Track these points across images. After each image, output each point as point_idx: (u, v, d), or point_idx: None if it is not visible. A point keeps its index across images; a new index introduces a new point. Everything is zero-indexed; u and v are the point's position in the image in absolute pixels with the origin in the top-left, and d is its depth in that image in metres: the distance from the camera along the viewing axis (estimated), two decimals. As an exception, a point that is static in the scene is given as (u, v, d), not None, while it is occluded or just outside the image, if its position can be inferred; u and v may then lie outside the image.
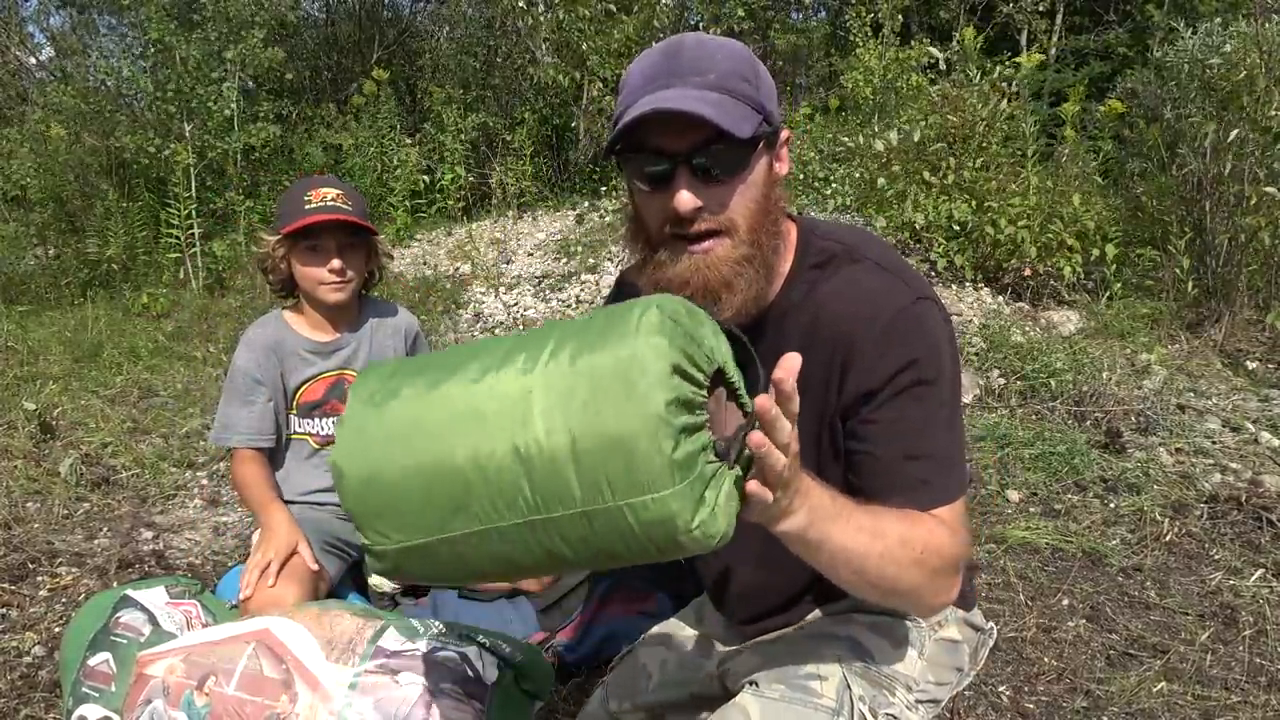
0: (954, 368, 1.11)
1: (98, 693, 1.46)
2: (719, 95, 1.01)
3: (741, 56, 1.06)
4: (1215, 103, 4.50)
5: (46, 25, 9.58)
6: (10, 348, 4.77)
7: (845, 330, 1.10)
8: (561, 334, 0.83)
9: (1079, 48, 10.06)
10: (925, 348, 1.09)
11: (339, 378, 2.03)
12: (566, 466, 0.77)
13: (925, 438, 1.09)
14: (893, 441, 1.09)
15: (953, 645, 1.30)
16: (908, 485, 1.08)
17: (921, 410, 1.09)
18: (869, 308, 1.10)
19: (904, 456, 1.08)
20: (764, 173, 1.08)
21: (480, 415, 0.80)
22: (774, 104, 1.08)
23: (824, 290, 1.14)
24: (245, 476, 1.90)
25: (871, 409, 1.10)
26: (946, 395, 1.09)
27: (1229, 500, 2.82)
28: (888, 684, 1.20)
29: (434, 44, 10.21)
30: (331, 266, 1.91)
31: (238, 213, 7.07)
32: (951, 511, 1.08)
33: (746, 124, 1.01)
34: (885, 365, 1.08)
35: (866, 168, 5.31)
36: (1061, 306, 4.79)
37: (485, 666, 1.37)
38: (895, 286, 1.11)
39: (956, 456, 1.11)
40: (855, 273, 1.13)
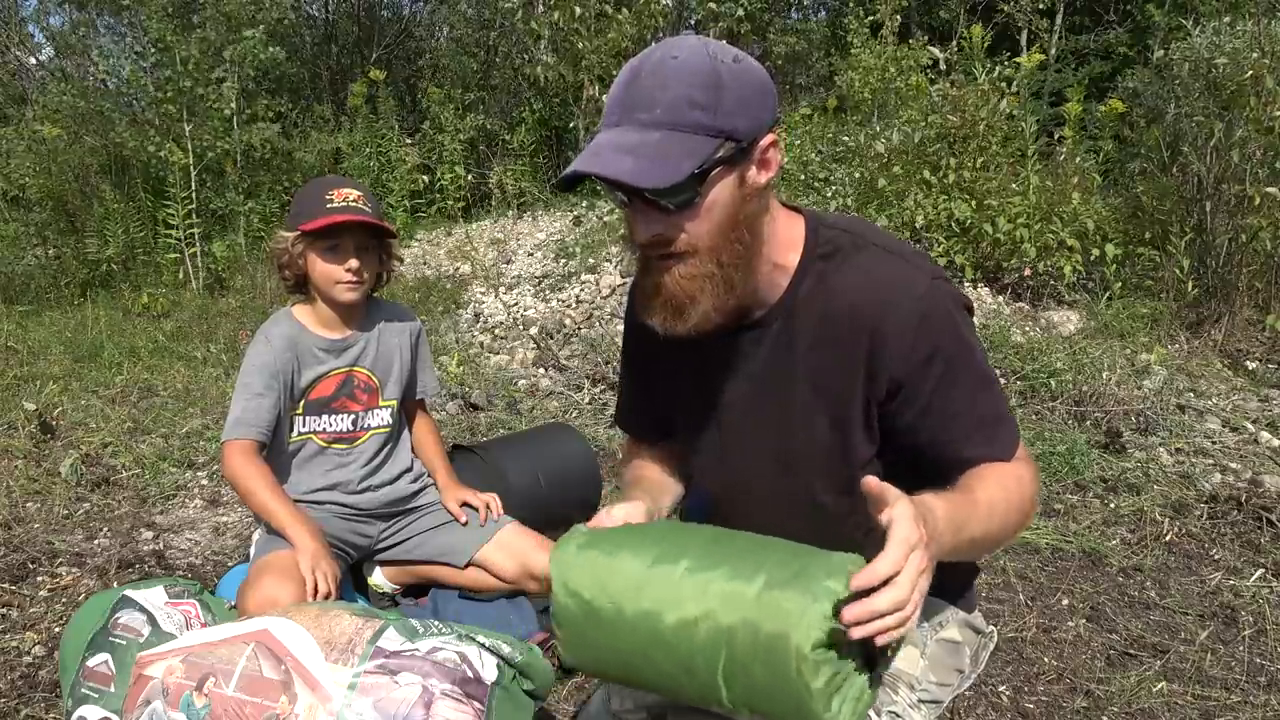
0: (972, 333, 1.17)
1: (97, 693, 1.46)
2: (661, 134, 1.02)
3: (697, 76, 1.03)
4: (1219, 103, 4.50)
5: (46, 25, 9.57)
6: (10, 348, 4.77)
7: (869, 320, 1.13)
8: (763, 559, 1.01)
9: (1079, 48, 10.06)
10: (948, 328, 1.14)
11: (349, 374, 2.03)
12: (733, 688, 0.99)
13: (975, 409, 1.16)
14: (950, 425, 1.15)
15: (954, 646, 1.30)
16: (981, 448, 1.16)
17: (962, 388, 1.15)
18: (888, 296, 1.13)
19: (967, 428, 1.15)
20: (728, 191, 1.07)
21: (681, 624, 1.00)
22: (747, 115, 1.05)
23: (836, 281, 1.16)
24: (250, 478, 1.87)
25: (918, 400, 1.14)
26: (975, 362, 1.16)
27: (1229, 500, 2.82)
28: (890, 682, 1.21)
29: (433, 44, 10.21)
30: (349, 266, 1.92)
31: (237, 213, 7.07)
32: (1021, 450, 1.18)
33: (686, 161, 1.02)
34: (917, 354, 1.12)
35: (866, 168, 5.31)
36: (1061, 306, 4.79)
37: (485, 666, 1.37)
38: (908, 272, 1.15)
39: (1002, 409, 1.19)
40: (865, 261, 1.16)
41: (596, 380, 4.16)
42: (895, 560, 0.87)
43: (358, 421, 2.06)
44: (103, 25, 9.37)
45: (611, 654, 1.06)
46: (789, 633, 0.92)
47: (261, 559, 1.84)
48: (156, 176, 6.89)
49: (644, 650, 1.02)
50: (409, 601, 2.16)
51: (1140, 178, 5.43)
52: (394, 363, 2.10)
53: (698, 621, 0.98)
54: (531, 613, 2.03)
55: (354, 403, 2.05)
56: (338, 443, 2.05)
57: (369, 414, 2.07)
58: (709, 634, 0.98)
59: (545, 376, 4.34)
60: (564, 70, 7.61)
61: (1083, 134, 5.53)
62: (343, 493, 2.04)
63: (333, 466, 2.05)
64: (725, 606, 0.97)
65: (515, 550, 2.06)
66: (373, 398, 2.07)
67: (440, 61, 9.69)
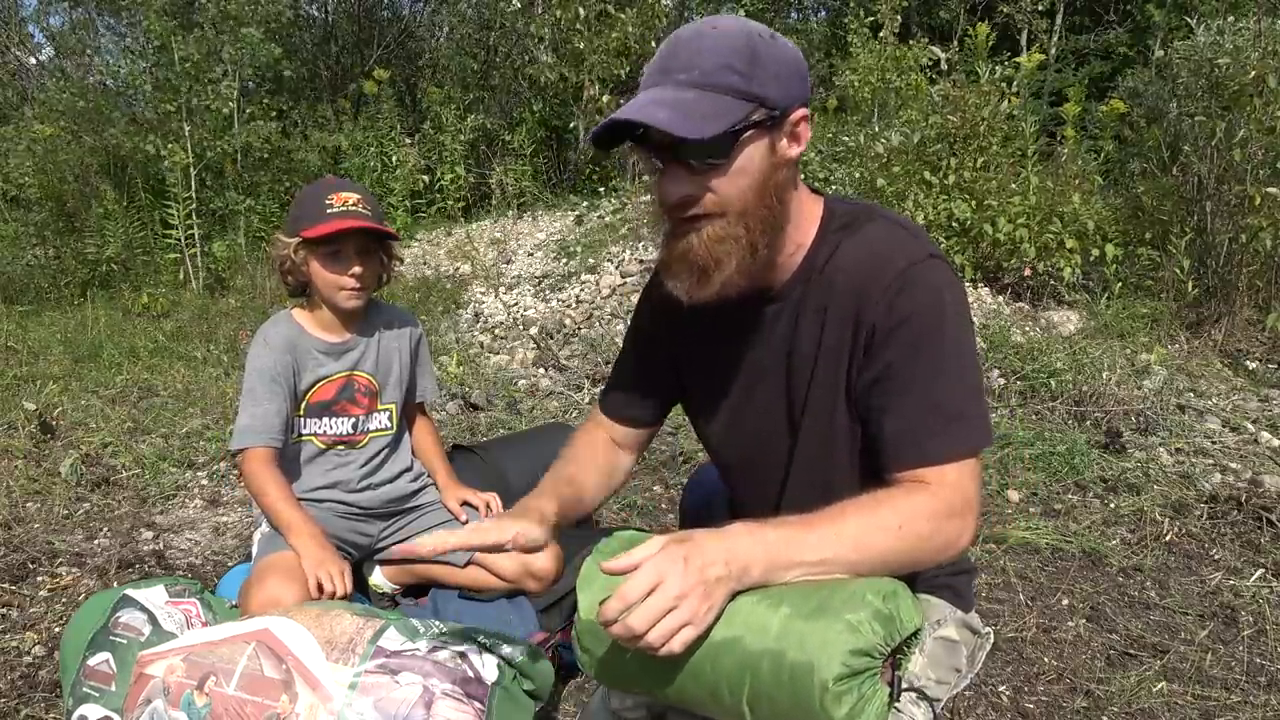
0: (962, 325, 1.14)
1: (98, 692, 1.46)
2: (696, 94, 1.06)
3: (734, 45, 1.08)
4: (1221, 103, 4.50)
5: (46, 25, 9.57)
6: (10, 348, 4.77)
7: (858, 283, 1.15)
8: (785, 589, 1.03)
9: (1079, 48, 10.06)
10: (931, 303, 1.12)
11: (348, 379, 2.03)
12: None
13: (930, 392, 1.12)
14: (899, 393, 1.13)
15: (951, 645, 1.31)
16: (911, 440, 1.12)
17: (924, 364, 1.12)
18: (880, 261, 1.14)
19: (909, 411, 1.12)
20: (759, 156, 1.11)
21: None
22: (780, 86, 1.09)
23: (845, 248, 1.18)
24: (265, 485, 1.87)
25: (880, 362, 1.13)
26: (953, 350, 1.12)
27: (1229, 500, 2.82)
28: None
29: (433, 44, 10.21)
30: (353, 273, 1.91)
31: (237, 213, 7.07)
32: (943, 471, 1.10)
33: (720, 120, 1.05)
34: (890, 317, 1.12)
35: (866, 168, 5.31)
36: (1061, 306, 4.79)
37: (485, 666, 1.37)
38: (907, 242, 1.15)
39: (966, 409, 1.13)
40: (871, 230, 1.18)
41: (596, 380, 4.16)
42: (627, 592, 0.95)
43: (358, 425, 2.06)
44: (102, 25, 9.37)
45: (639, 675, 1.08)
46: (813, 664, 0.95)
47: (265, 559, 1.84)
48: (156, 176, 6.89)
49: (671, 673, 1.03)
50: (409, 601, 2.16)
51: (1140, 178, 5.43)
52: (393, 367, 2.10)
53: (725, 647, 0.99)
54: (531, 613, 2.03)
55: (354, 406, 2.05)
56: (339, 445, 2.05)
57: (370, 417, 2.07)
58: (736, 661, 0.99)
59: (545, 376, 4.34)
60: (565, 70, 7.61)
61: (1083, 134, 5.53)
62: (343, 491, 2.05)
63: (333, 466, 2.05)
64: (752, 634, 0.99)
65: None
66: (373, 401, 2.07)
67: (440, 61, 9.69)
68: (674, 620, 0.95)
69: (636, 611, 0.94)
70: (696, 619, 0.96)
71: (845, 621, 0.97)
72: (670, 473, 3.20)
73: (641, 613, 0.94)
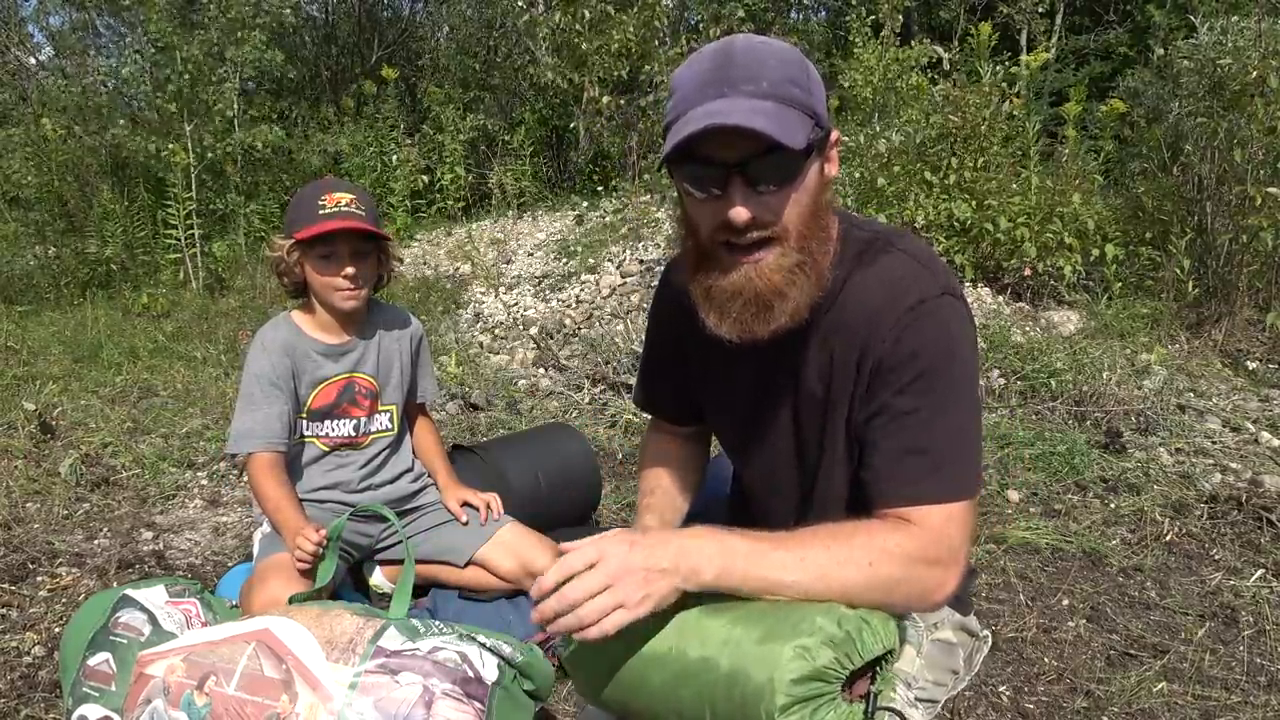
0: (967, 369, 1.10)
1: (98, 692, 1.46)
2: (774, 104, 1.00)
3: (793, 60, 1.04)
4: (1222, 103, 4.50)
5: (46, 25, 9.57)
6: (10, 348, 4.77)
7: (867, 316, 1.11)
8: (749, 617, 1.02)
9: (1079, 48, 10.06)
10: (939, 342, 1.08)
11: (349, 380, 2.03)
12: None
13: (922, 435, 1.08)
14: (891, 434, 1.10)
15: (949, 647, 1.31)
16: (893, 479, 1.09)
17: (922, 405, 1.08)
18: (892, 294, 1.10)
19: (902, 450, 1.09)
20: (815, 178, 1.07)
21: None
22: (824, 105, 1.06)
23: (857, 279, 1.14)
24: (268, 490, 1.87)
25: (880, 398, 1.10)
26: (954, 394, 1.08)
27: (1229, 500, 2.82)
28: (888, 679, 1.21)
29: (433, 44, 10.21)
30: (345, 274, 1.91)
31: (237, 213, 7.07)
32: (927, 513, 1.07)
33: (800, 133, 1.01)
34: (895, 352, 1.08)
35: (867, 168, 5.31)
36: (1061, 306, 4.79)
37: (485, 666, 1.37)
38: (922, 276, 1.11)
39: (960, 456, 1.09)
40: (886, 261, 1.13)
41: (596, 380, 4.16)
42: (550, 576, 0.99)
43: (360, 427, 2.06)
44: (103, 25, 9.37)
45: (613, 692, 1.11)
46: (761, 690, 0.96)
47: (267, 559, 1.85)
48: (157, 177, 6.89)
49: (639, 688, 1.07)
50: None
51: (1141, 178, 5.43)
52: (394, 368, 2.10)
53: (673, 658, 1.02)
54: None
55: (356, 408, 2.05)
56: (341, 447, 2.05)
57: (371, 419, 2.07)
58: (691, 679, 1.01)
59: (545, 376, 4.34)
60: (566, 71, 7.61)
61: (1083, 134, 5.53)
62: (344, 492, 2.05)
63: (334, 467, 2.05)
64: (703, 648, 1.01)
65: (515, 549, 2.06)
66: (374, 403, 2.07)
67: (440, 61, 9.69)
68: (607, 599, 0.95)
69: (572, 583, 0.96)
70: (629, 603, 0.95)
71: (793, 647, 0.96)
72: (670, 473, 3.19)
73: (576, 584, 0.96)
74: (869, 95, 6.72)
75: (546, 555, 2.05)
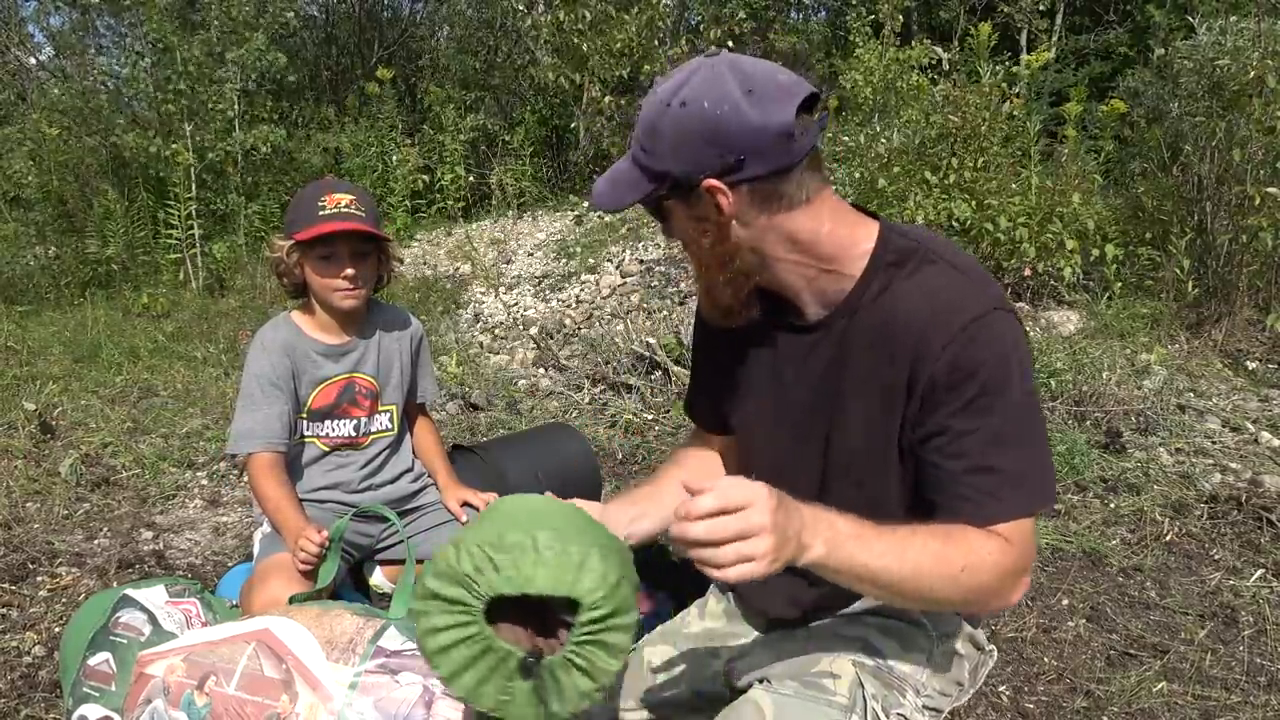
0: (1024, 381, 1.10)
1: (98, 692, 1.46)
2: (628, 165, 1.16)
3: (645, 119, 1.12)
4: (1221, 103, 4.50)
5: (46, 25, 9.56)
6: (10, 348, 4.77)
7: (918, 333, 1.10)
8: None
9: (1079, 48, 10.06)
10: (994, 358, 1.08)
11: (349, 380, 2.03)
12: None
13: (990, 452, 1.08)
14: (958, 455, 1.09)
15: (957, 658, 1.31)
16: (969, 499, 1.09)
17: (987, 423, 1.08)
18: (943, 312, 1.09)
19: (967, 470, 1.09)
20: (684, 222, 1.16)
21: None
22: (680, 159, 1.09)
23: (899, 289, 1.14)
24: (268, 491, 1.87)
25: (938, 418, 1.10)
26: (1015, 409, 1.08)
27: (1229, 500, 2.82)
28: (898, 685, 1.21)
29: (433, 44, 10.21)
30: (345, 275, 1.91)
31: (238, 213, 7.07)
32: (1015, 527, 1.08)
33: (630, 193, 1.15)
34: (953, 374, 1.08)
35: (867, 168, 5.31)
36: (1061, 306, 4.79)
37: (485, 666, 1.37)
38: (970, 292, 1.11)
39: (1027, 471, 1.09)
40: (931, 274, 1.13)
41: (596, 380, 4.16)
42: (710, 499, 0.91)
43: (360, 427, 2.05)
44: (103, 25, 9.37)
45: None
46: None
47: (267, 559, 1.84)
48: (157, 177, 6.89)
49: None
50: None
51: (1141, 178, 5.43)
52: (394, 368, 2.09)
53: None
54: (532, 612, 2.03)
55: (356, 409, 2.04)
56: (342, 447, 2.05)
57: (371, 419, 2.07)
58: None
59: (545, 376, 4.34)
60: (567, 71, 7.61)
61: (1083, 134, 5.52)
62: (344, 492, 2.05)
63: (334, 467, 2.05)
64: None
65: (515, 550, 2.06)
66: (374, 403, 2.07)
67: (440, 61, 9.69)
68: (748, 547, 0.90)
69: (724, 520, 0.90)
70: (761, 560, 0.91)
71: (467, 540, 1.04)
72: (670, 473, 3.19)
73: (727, 522, 0.90)
74: (869, 95, 6.71)
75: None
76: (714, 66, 1.09)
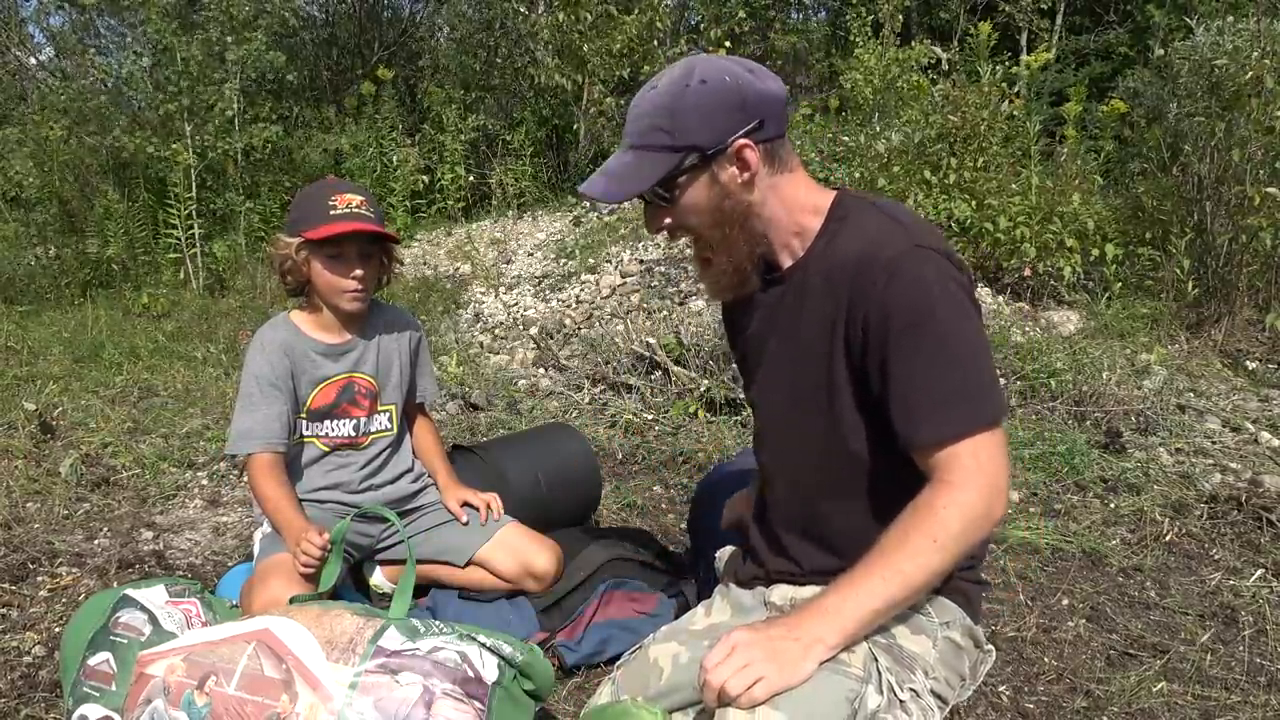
0: (950, 312, 1.17)
1: (98, 692, 1.46)
2: (633, 156, 1.23)
3: (660, 104, 1.21)
4: (1220, 103, 4.50)
5: (46, 25, 9.56)
6: (10, 348, 4.77)
7: (852, 270, 1.21)
8: None
9: (1079, 48, 10.06)
10: (913, 293, 1.16)
11: (349, 380, 2.03)
12: None
13: (928, 380, 1.16)
14: (894, 385, 1.18)
15: (957, 649, 1.32)
16: (914, 425, 1.18)
17: (923, 359, 1.16)
18: (869, 251, 1.20)
19: (905, 398, 1.18)
20: (703, 191, 1.24)
21: None
22: (707, 128, 1.20)
23: (840, 238, 1.26)
24: (268, 491, 1.87)
25: (877, 358, 1.19)
26: (941, 334, 1.16)
27: (1229, 500, 2.82)
28: (909, 663, 1.24)
29: (434, 45, 10.20)
30: (355, 275, 1.91)
31: (238, 213, 7.07)
32: (967, 447, 1.15)
33: (645, 179, 1.22)
34: (880, 311, 1.17)
35: (867, 168, 5.31)
36: (1061, 306, 4.79)
37: (485, 666, 1.37)
38: (896, 233, 1.21)
39: (965, 390, 1.16)
40: (866, 219, 1.25)
41: (596, 380, 4.16)
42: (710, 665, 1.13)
43: (360, 427, 2.06)
44: (103, 25, 9.37)
45: None
46: None
47: (268, 559, 1.84)
48: (158, 177, 6.89)
49: None
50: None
51: (1140, 178, 5.43)
52: (393, 368, 2.09)
53: None
54: (531, 613, 2.03)
55: (355, 408, 2.04)
56: (341, 447, 2.05)
57: (371, 419, 2.07)
58: None
59: (545, 376, 4.35)
60: (567, 71, 7.61)
61: (1083, 134, 5.53)
62: (344, 492, 2.05)
63: (334, 467, 2.05)
64: None
65: (515, 549, 2.06)
66: (373, 403, 2.07)
67: (441, 62, 9.68)
68: (750, 674, 1.10)
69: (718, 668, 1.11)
70: (770, 675, 1.10)
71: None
72: (670, 473, 3.20)
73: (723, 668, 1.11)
74: (869, 95, 6.72)
75: (546, 555, 2.05)
76: (704, 58, 1.23)
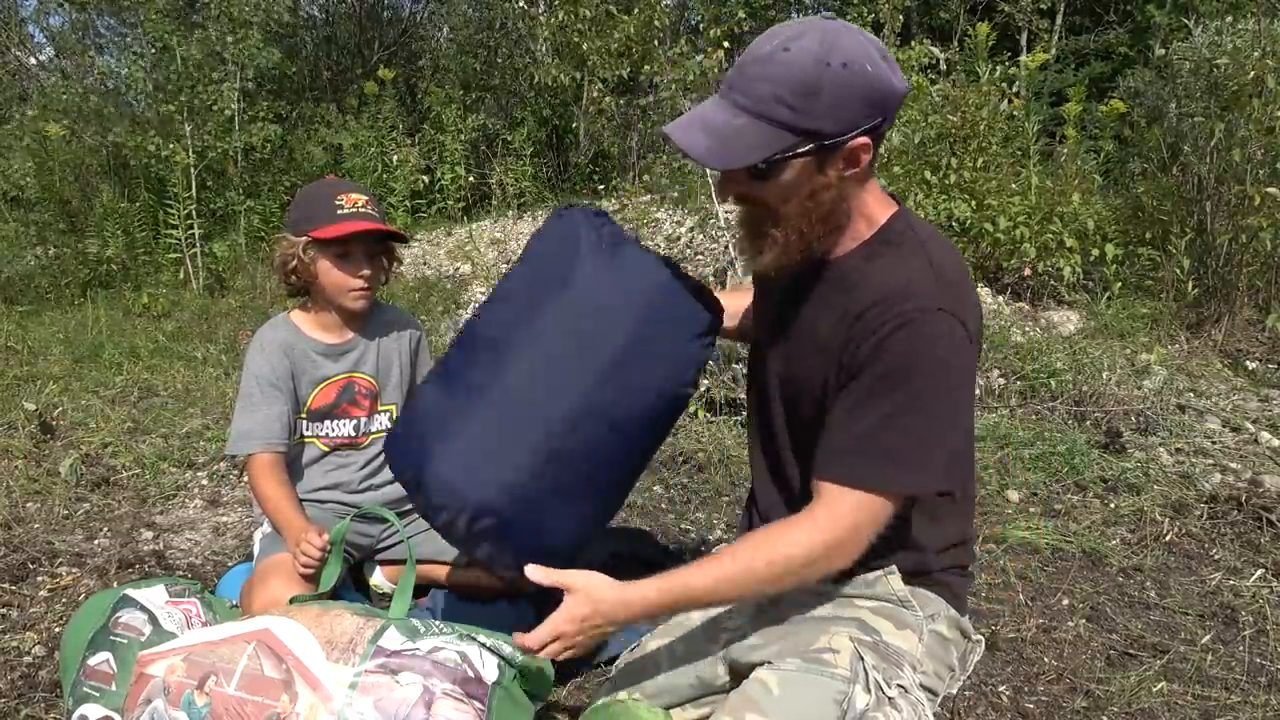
0: (934, 380, 1.14)
1: (98, 692, 1.46)
2: (746, 121, 1.10)
3: (796, 77, 1.08)
4: (1220, 103, 4.50)
5: (46, 25, 9.56)
6: (10, 348, 4.77)
7: (869, 304, 1.18)
8: None
9: (1079, 48, 10.06)
10: (914, 350, 1.13)
11: (349, 380, 2.03)
12: None
13: (875, 423, 1.16)
14: (843, 413, 1.19)
15: (944, 642, 1.33)
16: (839, 461, 1.17)
17: (879, 403, 1.15)
18: (898, 293, 1.16)
19: (842, 428, 1.18)
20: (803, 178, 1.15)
21: None
22: (838, 118, 1.10)
23: (876, 266, 1.22)
24: (268, 491, 1.86)
25: (849, 382, 1.19)
26: (912, 398, 1.14)
27: (1229, 500, 2.82)
28: (895, 659, 1.25)
29: (434, 44, 10.20)
30: (363, 274, 1.91)
31: (238, 213, 7.07)
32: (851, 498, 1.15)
33: (758, 151, 1.10)
34: (874, 348, 1.15)
35: (867, 167, 5.30)
36: (1061, 306, 4.79)
37: (485, 666, 1.37)
38: (927, 286, 1.16)
39: (899, 454, 1.15)
40: (906, 262, 1.20)
41: (597, 380, 4.15)
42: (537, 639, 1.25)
43: (360, 428, 2.05)
44: (103, 25, 9.37)
45: None
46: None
47: (268, 559, 1.84)
48: (157, 177, 6.89)
49: None
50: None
51: (1140, 178, 5.42)
52: (393, 368, 2.10)
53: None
54: (531, 613, 2.03)
55: (356, 408, 2.04)
56: (340, 449, 2.05)
57: (371, 419, 2.07)
58: None
59: (545, 376, 4.34)
60: (567, 70, 7.61)
61: (1083, 134, 5.53)
62: (344, 492, 2.05)
63: (334, 467, 2.05)
64: None
65: (516, 550, 2.06)
66: (374, 403, 2.07)
67: (441, 61, 9.69)
68: (558, 646, 1.26)
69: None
70: (577, 646, 1.26)
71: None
72: (670, 473, 3.20)
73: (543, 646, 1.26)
74: (869, 95, 6.71)
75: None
76: (847, 28, 1.12)
